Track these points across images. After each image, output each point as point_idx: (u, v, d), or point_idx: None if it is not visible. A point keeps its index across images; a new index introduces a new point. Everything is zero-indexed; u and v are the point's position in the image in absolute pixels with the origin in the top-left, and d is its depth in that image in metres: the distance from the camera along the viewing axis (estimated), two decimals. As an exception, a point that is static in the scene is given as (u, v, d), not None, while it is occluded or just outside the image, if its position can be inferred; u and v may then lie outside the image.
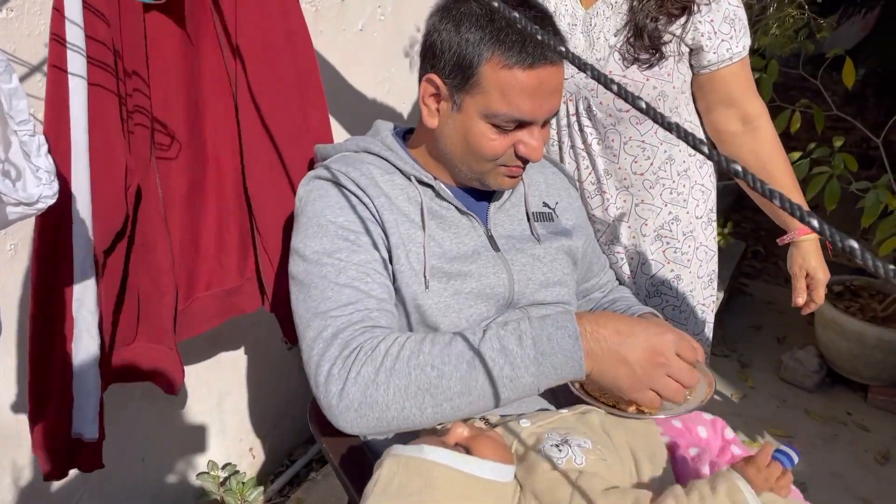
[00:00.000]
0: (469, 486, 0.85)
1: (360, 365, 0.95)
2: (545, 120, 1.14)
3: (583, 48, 1.51)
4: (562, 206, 1.35)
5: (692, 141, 0.44)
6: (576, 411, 1.07)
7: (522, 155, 1.14)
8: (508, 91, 1.07)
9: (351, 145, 1.26)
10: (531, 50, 1.06)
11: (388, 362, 0.95)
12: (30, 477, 1.67)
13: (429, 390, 0.94)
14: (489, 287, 1.18)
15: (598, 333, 0.97)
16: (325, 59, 2.13)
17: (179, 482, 2.12)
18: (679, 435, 1.09)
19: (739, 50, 1.48)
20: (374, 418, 0.94)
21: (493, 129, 1.12)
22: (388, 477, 0.87)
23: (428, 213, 1.18)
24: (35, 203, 0.97)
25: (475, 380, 0.94)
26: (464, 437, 0.91)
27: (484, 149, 1.13)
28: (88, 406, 1.35)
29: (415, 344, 0.96)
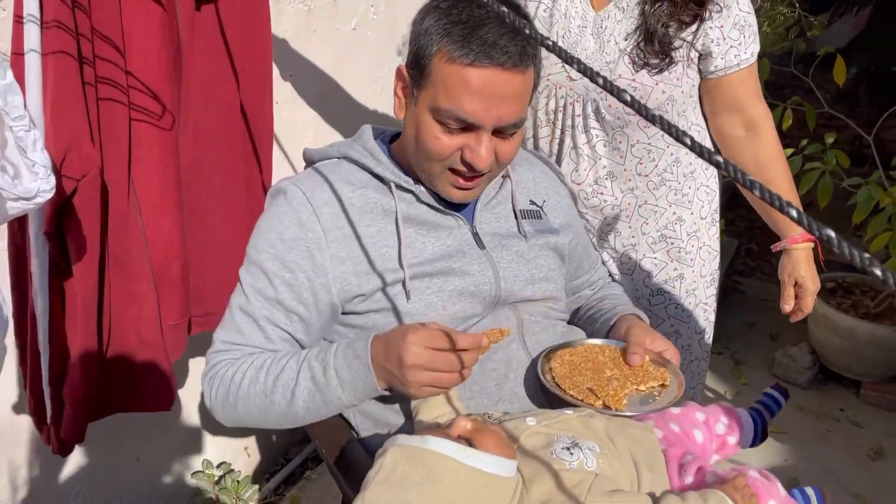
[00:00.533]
0: (472, 479, 0.85)
1: (215, 388, 1.15)
2: (498, 128, 1.09)
3: (592, 51, 1.50)
4: (550, 204, 1.34)
5: (706, 153, 0.45)
6: (580, 414, 1.07)
7: (467, 160, 1.10)
8: (451, 86, 1.05)
9: (333, 151, 1.25)
10: (475, 47, 1.03)
11: (233, 388, 1.12)
12: (26, 476, 1.67)
13: (266, 411, 1.11)
14: (474, 285, 1.19)
15: (380, 352, 1.04)
16: (318, 59, 2.13)
17: (174, 481, 2.12)
18: (677, 441, 1.09)
19: (748, 56, 1.48)
20: (238, 421, 1.16)
21: (439, 127, 1.09)
22: (390, 466, 0.87)
23: (405, 223, 1.17)
24: (34, 197, 0.97)
25: (297, 405, 1.09)
26: (467, 430, 0.91)
27: (430, 146, 1.11)
28: (45, 387, 1.40)
29: (254, 372, 1.11)
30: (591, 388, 1.10)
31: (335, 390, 1.07)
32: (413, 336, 1.00)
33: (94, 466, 1.82)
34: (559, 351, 1.20)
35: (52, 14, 1.19)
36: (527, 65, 1.06)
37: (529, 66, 1.07)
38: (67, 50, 1.22)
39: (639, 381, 1.13)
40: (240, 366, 1.13)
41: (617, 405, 1.07)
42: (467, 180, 1.14)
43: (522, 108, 1.10)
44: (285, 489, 2.39)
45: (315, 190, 1.17)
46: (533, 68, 1.09)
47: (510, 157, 1.15)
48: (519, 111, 1.09)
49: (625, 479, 0.96)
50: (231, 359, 1.15)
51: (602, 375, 1.14)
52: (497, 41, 1.03)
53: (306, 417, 1.12)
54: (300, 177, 1.22)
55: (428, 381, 1.01)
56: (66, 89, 1.24)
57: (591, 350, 1.21)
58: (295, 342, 1.18)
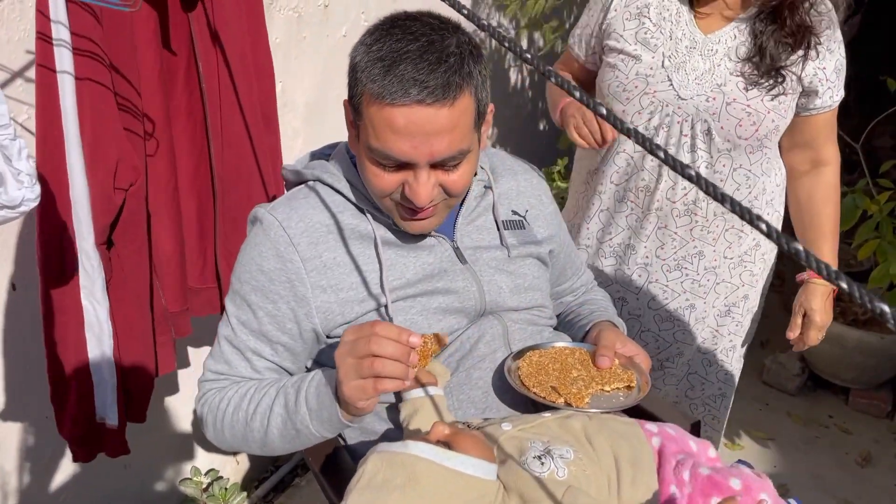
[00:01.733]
0: (451, 481, 0.86)
1: (205, 415, 1.17)
2: (437, 162, 1.04)
3: (702, 71, 1.54)
4: (533, 214, 1.33)
5: (749, 217, 0.45)
6: (558, 416, 1.08)
7: (407, 195, 1.06)
8: (377, 126, 1.01)
9: (308, 173, 1.22)
10: (393, 86, 0.98)
11: (219, 415, 1.14)
12: (14, 482, 1.66)
13: (246, 439, 1.13)
14: (458, 301, 1.18)
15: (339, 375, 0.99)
16: (308, 66, 2.14)
17: (163, 488, 2.11)
18: (672, 440, 1.09)
19: (837, 99, 1.57)
20: (227, 447, 1.18)
21: (377, 167, 1.06)
22: (371, 472, 0.88)
23: (384, 246, 1.16)
24: (18, 206, 0.97)
25: (272, 434, 1.10)
26: (444, 434, 0.92)
27: (371, 183, 1.09)
28: (106, 392, 1.45)
29: (238, 400, 1.12)
30: (554, 387, 1.11)
31: (303, 418, 1.05)
32: (341, 341, 0.98)
33: (81, 473, 1.81)
34: (529, 352, 1.21)
35: (80, 40, 1.24)
36: (454, 96, 1.00)
37: (459, 95, 1.00)
38: (101, 76, 1.28)
39: (604, 381, 1.15)
40: (226, 393, 1.14)
41: (578, 403, 1.08)
42: (418, 212, 1.09)
43: (458, 140, 1.03)
44: (274, 497, 2.38)
45: (291, 219, 1.15)
46: (468, 95, 1.03)
47: (461, 186, 1.10)
48: (454, 144, 1.03)
49: (602, 481, 0.96)
50: (219, 387, 1.17)
51: (568, 375, 1.15)
52: (416, 77, 0.97)
53: (283, 446, 1.11)
54: (276, 204, 1.20)
55: (356, 370, 0.95)
56: (103, 107, 1.29)
57: (561, 352, 1.22)
58: (282, 370, 1.18)
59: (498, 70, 3.50)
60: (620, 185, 1.71)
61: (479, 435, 0.98)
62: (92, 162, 1.29)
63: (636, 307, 1.79)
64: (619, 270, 1.78)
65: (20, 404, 1.58)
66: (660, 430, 1.09)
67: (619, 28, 1.60)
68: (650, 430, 1.09)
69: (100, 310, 1.37)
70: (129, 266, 1.42)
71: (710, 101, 1.53)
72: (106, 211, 1.33)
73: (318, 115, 2.22)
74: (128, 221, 1.39)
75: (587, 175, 1.82)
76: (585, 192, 1.83)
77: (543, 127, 4.20)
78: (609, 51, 1.63)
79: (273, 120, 1.67)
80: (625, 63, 1.59)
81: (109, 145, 1.31)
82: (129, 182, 1.35)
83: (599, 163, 1.74)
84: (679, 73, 1.55)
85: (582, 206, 1.84)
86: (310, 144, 2.19)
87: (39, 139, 1.27)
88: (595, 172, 1.77)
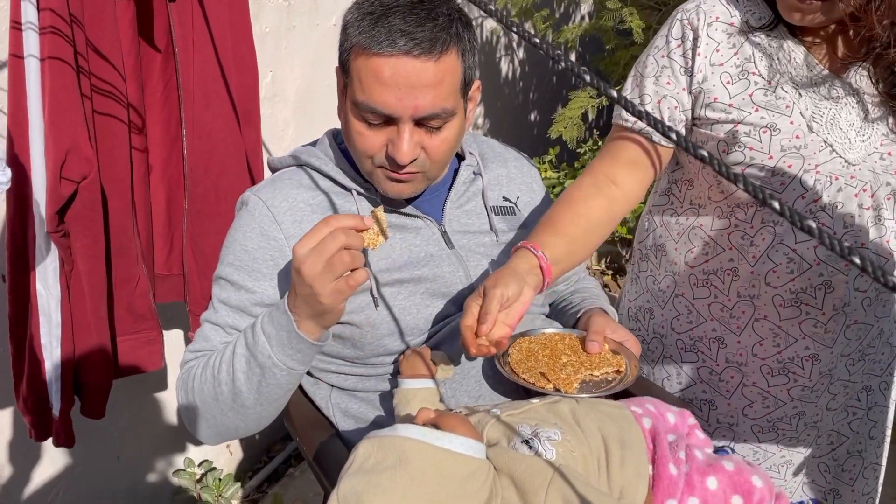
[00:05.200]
0: (441, 460, 0.87)
1: (179, 391, 1.14)
2: (419, 120, 1.04)
3: (859, 122, 1.19)
4: (524, 201, 1.33)
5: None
6: (546, 401, 1.08)
7: (390, 154, 1.07)
8: (364, 78, 1.03)
9: (294, 159, 1.24)
10: (381, 35, 1.00)
11: (189, 382, 1.11)
12: (6, 474, 1.66)
13: (217, 396, 1.08)
14: (445, 286, 1.18)
15: (295, 299, 0.99)
16: (298, 55, 2.13)
17: (156, 480, 2.11)
18: (657, 418, 1.10)
19: None
20: (208, 430, 1.13)
21: (362, 124, 1.07)
22: (363, 457, 0.88)
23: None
24: None
25: (240, 381, 1.06)
26: (431, 417, 0.94)
27: (356, 143, 1.09)
28: (52, 380, 1.44)
29: (206, 359, 1.11)
30: (543, 373, 1.12)
31: (263, 347, 1.03)
32: (296, 248, 0.96)
33: (73, 466, 1.81)
34: (519, 339, 1.21)
35: (48, 21, 1.21)
36: (441, 51, 1.01)
37: (445, 52, 1.02)
38: (63, 56, 1.24)
39: (594, 366, 1.14)
40: (199, 362, 1.13)
41: (567, 388, 1.08)
42: (398, 174, 1.10)
43: (442, 98, 1.04)
44: (268, 486, 2.39)
45: (275, 198, 1.16)
46: (455, 54, 1.04)
47: (441, 153, 1.10)
48: (437, 100, 1.03)
49: (590, 461, 0.97)
50: (195, 363, 1.15)
51: (558, 361, 1.15)
52: (404, 28, 0.99)
53: (253, 396, 1.06)
54: (260, 186, 1.21)
55: (329, 271, 0.94)
56: (63, 94, 1.26)
57: (551, 338, 1.22)
58: None
59: (490, 60, 3.50)
60: (793, 288, 1.28)
61: (463, 416, 0.99)
62: (46, 149, 1.27)
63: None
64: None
65: (10, 396, 1.58)
66: (645, 410, 1.10)
67: (723, 96, 1.21)
68: (637, 411, 1.10)
69: (51, 298, 1.36)
70: (82, 260, 1.39)
71: (885, 157, 1.20)
72: (53, 200, 1.29)
73: (309, 105, 2.21)
74: (80, 215, 1.35)
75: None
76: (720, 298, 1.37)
77: (535, 117, 4.20)
78: (712, 124, 1.23)
79: (254, 114, 1.66)
80: (758, 139, 1.19)
81: (62, 133, 1.28)
82: (80, 174, 1.31)
83: (735, 261, 1.32)
84: (834, 132, 1.19)
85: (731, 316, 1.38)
86: (300, 134, 2.18)
87: (10, 123, 1.26)
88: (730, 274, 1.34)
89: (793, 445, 1.43)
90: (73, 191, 1.30)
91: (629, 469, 0.97)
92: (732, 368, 1.39)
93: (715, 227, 1.33)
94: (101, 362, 1.49)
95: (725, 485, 0.96)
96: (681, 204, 1.39)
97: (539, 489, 0.89)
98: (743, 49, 1.21)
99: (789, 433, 1.41)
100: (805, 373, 1.35)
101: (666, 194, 1.43)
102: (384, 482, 0.84)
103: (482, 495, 0.88)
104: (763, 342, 1.34)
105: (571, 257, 1.19)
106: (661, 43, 1.26)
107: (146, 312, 1.59)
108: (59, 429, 1.48)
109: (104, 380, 1.53)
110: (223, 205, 1.63)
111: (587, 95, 2.95)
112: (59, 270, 1.35)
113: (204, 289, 1.70)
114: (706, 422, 1.42)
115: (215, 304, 1.16)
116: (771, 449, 1.43)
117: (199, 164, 1.59)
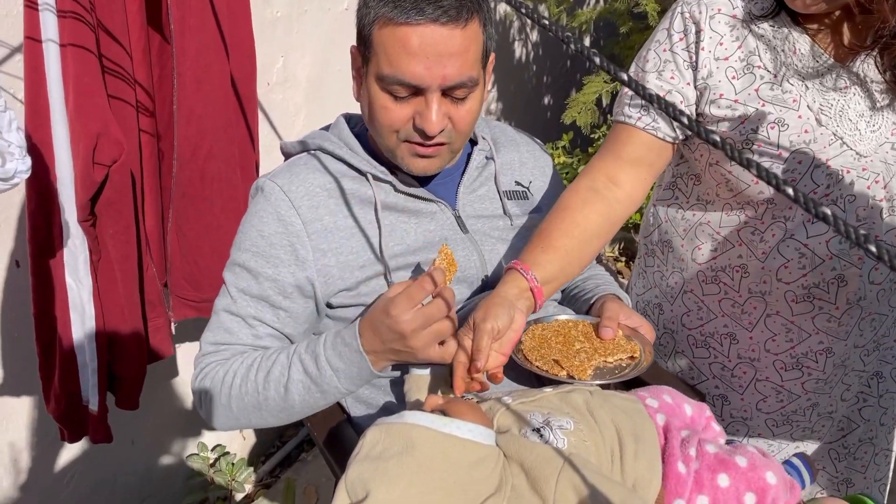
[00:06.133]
0: (448, 446, 0.86)
1: (207, 391, 1.12)
2: (446, 89, 1.04)
3: (868, 112, 1.16)
4: (536, 185, 1.32)
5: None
6: (559, 390, 1.07)
7: (418, 126, 1.06)
8: (390, 50, 1.02)
9: (309, 143, 1.23)
10: (407, 4, 0.99)
11: (224, 389, 1.10)
12: (23, 458, 1.68)
13: (261, 408, 1.10)
14: (460, 270, 1.17)
15: (371, 337, 1.03)
16: (310, 40, 2.11)
17: (169, 464, 2.12)
18: (672, 413, 1.09)
19: None
20: (233, 424, 1.13)
21: (388, 97, 1.06)
22: (370, 443, 0.88)
23: (384, 210, 1.15)
24: (10, 178, 0.97)
25: (293, 399, 1.08)
26: (439, 404, 0.94)
27: (381, 118, 1.08)
28: (88, 375, 1.43)
29: (244, 371, 1.10)
30: (556, 360, 1.10)
31: (330, 380, 1.06)
32: (395, 308, 0.99)
33: (88, 450, 1.83)
34: (532, 326, 1.20)
35: (67, 6, 1.20)
36: (466, 18, 1.01)
37: (470, 19, 1.02)
38: (86, 41, 1.24)
39: (608, 353, 1.13)
40: (230, 366, 1.11)
41: (581, 375, 1.07)
42: (425, 148, 1.10)
43: (468, 66, 1.04)
44: (281, 471, 2.40)
45: (292, 183, 1.16)
46: (478, 23, 1.04)
47: (467, 123, 1.10)
48: (465, 68, 1.03)
49: (603, 452, 0.96)
50: (220, 360, 1.14)
51: (571, 348, 1.14)
52: None
53: (304, 410, 1.10)
54: (276, 172, 1.20)
55: (433, 338, 1.00)
56: (88, 78, 1.25)
57: (564, 325, 1.21)
58: (283, 337, 1.17)
59: (503, 44, 3.47)
60: (805, 283, 1.26)
61: (475, 403, 0.98)
62: (74, 134, 1.26)
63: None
64: None
65: (28, 381, 1.59)
66: (661, 404, 1.09)
67: (728, 92, 1.17)
68: (652, 405, 1.08)
69: (82, 289, 1.35)
70: (115, 247, 1.38)
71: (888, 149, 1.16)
72: (86, 186, 1.29)
73: (320, 91, 2.20)
74: (112, 200, 1.35)
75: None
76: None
77: (548, 102, 4.17)
78: (717, 122, 1.20)
79: (251, 100, 1.64)
80: (765, 135, 1.16)
81: (91, 117, 1.27)
82: (111, 158, 1.31)
83: (746, 258, 1.30)
84: (843, 124, 1.15)
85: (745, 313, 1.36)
86: (311, 120, 2.17)
87: (28, 111, 1.25)
88: (741, 271, 1.31)
89: (807, 437, 1.42)
90: (104, 175, 1.30)
91: (643, 462, 0.96)
92: (745, 364, 1.37)
93: (723, 224, 1.30)
94: (136, 352, 1.50)
95: (738, 482, 0.94)
96: (686, 199, 1.37)
97: (550, 477, 0.88)
98: (747, 42, 1.17)
99: (803, 424, 1.40)
100: (819, 366, 1.32)
101: (670, 188, 1.40)
102: (391, 469, 0.84)
103: (491, 482, 0.87)
104: (776, 338, 1.32)
105: (566, 272, 1.17)
106: (663, 37, 1.22)
107: (155, 299, 1.59)
108: (98, 425, 1.48)
109: (139, 369, 1.54)
110: (208, 189, 1.62)
111: (602, 80, 2.92)
112: (90, 261, 1.34)
113: (186, 271, 1.68)
114: (720, 417, 1.41)
115: (232, 293, 1.15)
116: (785, 441, 1.42)
117: (186, 147, 1.57)
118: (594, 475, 0.89)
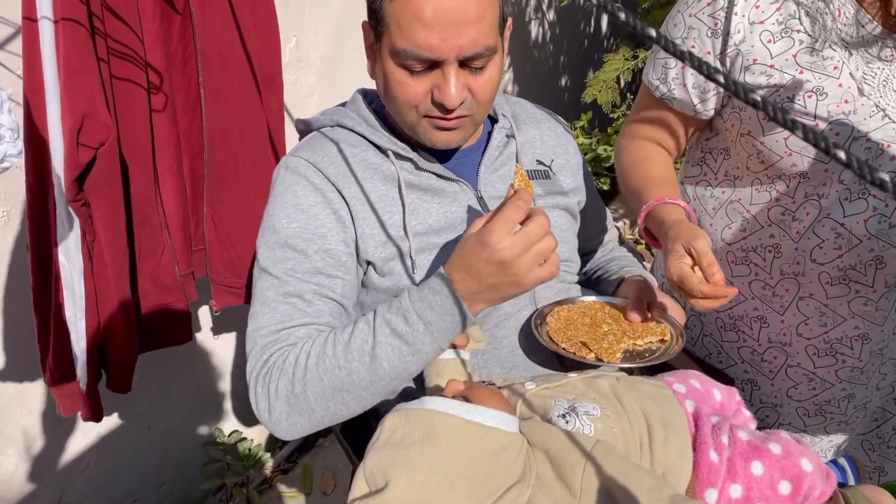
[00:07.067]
0: (471, 433, 0.83)
1: (276, 381, 1.00)
2: (464, 60, 1.00)
3: None
4: (558, 164, 1.27)
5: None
6: (585, 376, 1.03)
7: (437, 100, 1.02)
8: (404, 23, 0.97)
9: (326, 119, 1.19)
10: None
11: (298, 373, 0.98)
12: (40, 445, 1.67)
13: (343, 388, 0.97)
14: None
15: (464, 278, 0.94)
16: (323, 20, 2.07)
17: (186, 450, 2.11)
18: (701, 399, 1.05)
19: None
20: (306, 421, 1.00)
21: (404, 72, 1.02)
22: (390, 430, 0.85)
23: (408, 188, 1.11)
24: (0, 162, 0.94)
25: (381, 367, 0.97)
26: (460, 389, 0.90)
27: (398, 93, 1.04)
28: (77, 354, 1.41)
29: (319, 348, 0.99)
30: (583, 342, 1.06)
31: (422, 336, 0.97)
32: (493, 236, 0.91)
33: (104, 436, 1.82)
34: (557, 307, 1.15)
35: None
36: None
37: None
38: (78, 17, 1.19)
39: (637, 335, 1.09)
40: (302, 347, 1.01)
41: (610, 358, 1.03)
42: (446, 121, 1.05)
43: (485, 34, 0.99)
44: (298, 457, 2.39)
45: (316, 154, 1.12)
46: None
47: (488, 93, 1.05)
48: (481, 37, 0.99)
49: (631, 440, 0.92)
50: (285, 345, 1.03)
51: (598, 330, 1.10)
52: None
53: (392, 382, 0.99)
54: (297, 148, 1.16)
55: (536, 259, 0.91)
56: (76, 56, 1.21)
57: (591, 307, 1.17)
58: (343, 312, 1.10)
59: (519, 23, 3.41)
60: (841, 265, 1.20)
61: (495, 388, 0.94)
62: (62, 114, 1.22)
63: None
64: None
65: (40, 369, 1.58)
66: (689, 389, 1.05)
67: (763, 56, 1.10)
68: (681, 390, 1.04)
69: (73, 269, 1.32)
70: (102, 230, 1.35)
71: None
72: (70, 167, 1.24)
73: (334, 71, 2.16)
74: (99, 184, 1.31)
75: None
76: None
77: (565, 82, 4.10)
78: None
79: (276, 79, 1.60)
80: (802, 105, 1.09)
81: (77, 97, 1.23)
82: (98, 140, 1.26)
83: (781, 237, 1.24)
84: (887, 95, 1.08)
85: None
86: (324, 100, 2.14)
87: (26, 90, 1.22)
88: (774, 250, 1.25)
89: (840, 430, 1.37)
90: (90, 158, 1.26)
91: (673, 450, 0.92)
92: (776, 348, 1.32)
93: (754, 202, 1.25)
94: (126, 335, 1.47)
95: (772, 469, 0.90)
96: (714, 175, 1.31)
97: (576, 465, 0.84)
98: (786, 5, 1.09)
99: (838, 417, 1.35)
100: (854, 353, 1.27)
101: (699, 164, 1.35)
102: (412, 456, 0.81)
103: (515, 470, 0.84)
104: (809, 321, 1.26)
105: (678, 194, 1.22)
106: (693, 0, 1.17)
107: (172, 284, 1.56)
108: (87, 403, 1.47)
109: (129, 353, 1.50)
110: (242, 171, 1.59)
111: (622, 58, 2.85)
112: (81, 241, 1.32)
113: (224, 257, 1.65)
114: (749, 402, 1.36)
115: (280, 276, 1.07)
116: (818, 435, 1.36)
117: (217, 129, 1.54)
118: (623, 462, 0.85)
